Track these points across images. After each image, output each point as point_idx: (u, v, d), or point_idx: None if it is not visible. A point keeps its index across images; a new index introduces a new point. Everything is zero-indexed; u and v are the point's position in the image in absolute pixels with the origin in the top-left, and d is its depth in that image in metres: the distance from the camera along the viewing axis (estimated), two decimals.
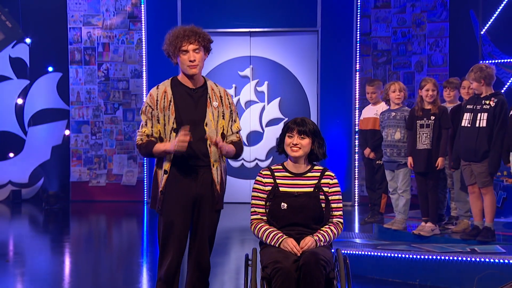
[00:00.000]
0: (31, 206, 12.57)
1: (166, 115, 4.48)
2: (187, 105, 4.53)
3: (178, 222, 4.50)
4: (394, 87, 7.75)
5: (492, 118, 6.70)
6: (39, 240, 9.68)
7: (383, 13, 12.66)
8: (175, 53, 4.51)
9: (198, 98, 4.56)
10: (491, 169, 6.73)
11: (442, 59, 12.44)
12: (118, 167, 12.86)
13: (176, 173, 4.49)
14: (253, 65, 12.47)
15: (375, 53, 12.65)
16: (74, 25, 12.89)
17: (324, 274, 3.98)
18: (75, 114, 12.93)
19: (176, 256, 4.54)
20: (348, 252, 6.65)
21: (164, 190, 4.50)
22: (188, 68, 4.48)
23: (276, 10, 12.34)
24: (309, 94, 12.41)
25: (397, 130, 7.57)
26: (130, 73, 12.85)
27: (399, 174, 7.61)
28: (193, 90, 4.57)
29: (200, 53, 4.50)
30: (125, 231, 10.63)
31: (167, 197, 4.50)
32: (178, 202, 4.49)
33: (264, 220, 4.37)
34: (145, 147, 4.52)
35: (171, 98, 4.51)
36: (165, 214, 4.53)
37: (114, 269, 7.65)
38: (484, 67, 6.81)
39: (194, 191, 4.49)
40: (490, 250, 6.47)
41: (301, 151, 4.36)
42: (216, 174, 4.54)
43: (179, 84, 4.59)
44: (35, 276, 6.94)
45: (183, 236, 4.55)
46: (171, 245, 4.52)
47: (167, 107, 4.49)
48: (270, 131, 12.32)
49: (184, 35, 4.46)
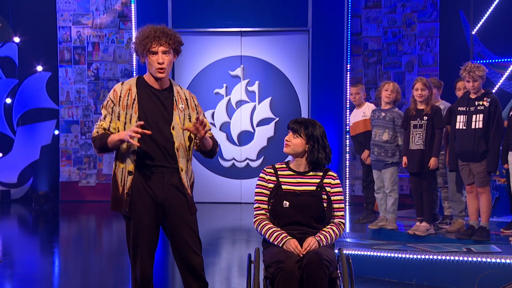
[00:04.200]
0: (20, 206, 12.49)
1: (128, 114, 4.33)
2: (153, 106, 4.38)
3: (147, 225, 4.37)
4: (388, 86, 7.73)
5: (487, 118, 6.70)
6: (28, 240, 9.61)
7: (373, 13, 12.68)
8: (143, 53, 4.35)
9: (164, 100, 4.43)
10: (490, 168, 6.73)
11: (433, 59, 12.47)
12: (108, 167, 12.80)
13: (140, 176, 4.34)
14: (244, 64, 12.43)
15: (365, 53, 12.67)
16: (63, 24, 12.82)
17: (327, 274, 3.97)
18: (65, 114, 12.86)
19: (148, 259, 4.43)
20: (344, 252, 6.60)
21: (129, 192, 4.35)
22: (157, 71, 4.33)
23: (267, 10, 12.32)
24: (300, 93, 12.39)
25: (385, 131, 7.56)
26: (120, 73, 12.80)
27: (385, 173, 7.61)
28: (159, 91, 4.43)
29: (169, 56, 4.35)
30: (115, 232, 10.55)
31: (133, 200, 4.35)
32: (145, 206, 4.35)
33: (268, 217, 4.35)
34: (99, 138, 4.34)
35: (135, 97, 4.36)
36: (133, 218, 4.38)
37: (104, 269, 7.59)
38: (478, 65, 6.80)
39: (161, 194, 4.35)
40: (486, 250, 6.47)
41: (289, 149, 4.38)
42: (186, 179, 4.40)
43: (145, 84, 4.43)
44: (24, 277, 6.85)
45: (153, 239, 4.43)
46: (141, 248, 4.40)
47: (130, 105, 4.34)
48: (261, 131, 12.29)
49: (154, 36, 4.31)
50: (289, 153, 4.40)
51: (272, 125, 12.35)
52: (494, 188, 8.72)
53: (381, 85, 7.90)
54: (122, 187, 4.35)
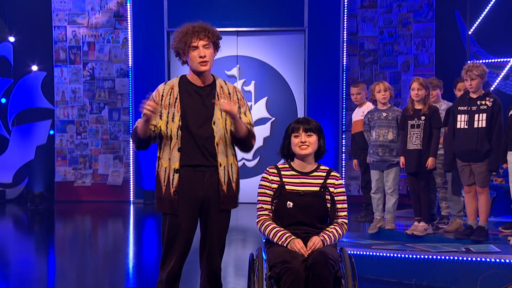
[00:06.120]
0: (15, 206, 12.45)
1: (171, 112, 4.39)
2: (194, 104, 4.43)
3: (185, 224, 4.40)
4: (378, 87, 7.72)
5: (490, 118, 6.69)
6: (24, 241, 9.57)
7: (369, 13, 12.68)
8: (185, 51, 4.40)
9: (206, 96, 4.47)
10: (492, 167, 6.73)
11: (429, 59, 12.47)
12: (103, 167, 12.76)
13: (184, 173, 4.40)
14: (240, 64, 12.42)
15: (361, 53, 12.67)
16: (59, 24, 12.78)
17: (333, 273, 3.97)
18: (60, 114, 12.82)
19: (179, 259, 4.46)
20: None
21: (177, 190, 4.38)
22: (199, 65, 4.37)
23: (263, 10, 12.31)
24: (296, 93, 12.39)
25: (390, 131, 7.54)
26: (116, 72, 12.76)
27: (389, 173, 7.58)
28: (201, 88, 4.48)
29: (210, 49, 4.40)
30: (111, 232, 10.52)
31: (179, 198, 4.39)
32: (185, 204, 4.39)
33: (271, 217, 4.34)
34: (133, 130, 4.44)
35: (177, 96, 4.43)
36: (172, 217, 4.41)
37: (100, 270, 7.55)
38: (477, 65, 6.80)
39: (201, 193, 4.39)
40: (485, 250, 6.47)
41: (310, 149, 4.35)
42: (223, 174, 4.43)
43: (188, 83, 4.49)
44: (19, 278, 6.80)
45: (188, 239, 4.46)
46: (176, 248, 4.43)
47: (173, 104, 4.41)
48: (257, 131, 12.24)
49: (193, 31, 4.36)
50: (310, 153, 4.37)
51: (268, 125, 12.34)
52: (491, 188, 8.71)
53: (371, 88, 7.90)
54: (165, 187, 4.40)
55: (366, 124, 7.89)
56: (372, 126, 7.75)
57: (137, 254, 8.26)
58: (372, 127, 7.76)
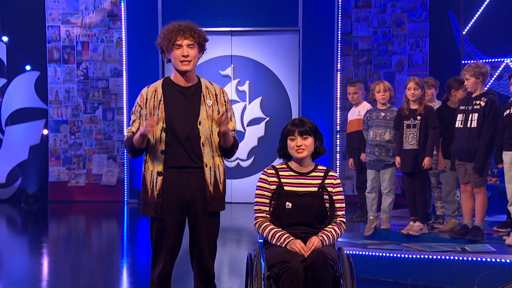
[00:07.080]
0: (8, 206, 12.40)
1: (155, 115, 4.34)
2: (179, 104, 4.39)
3: (170, 227, 4.38)
4: (378, 87, 7.71)
5: (482, 118, 6.69)
6: (17, 241, 9.53)
7: (363, 13, 12.68)
8: (168, 48, 4.37)
9: (191, 97, 4.43)
10: (476, 167, 6.70)
11: (423, 59, 12.48)
12: (97, 167, 12.73)
13: (169, 177, 4.36)
14: (234, 64, 12.41)
15: (356, 53, 12.67)
16: (52, 23, 12.73)
17: (332, 273, 3.97)
18: (54, 113, 12.78)
19: (168, 261, 4.44)
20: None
21: (160, 193, 4.36)
22: (181, 63, 4.35)
23: (258, 9, 12.30)
24: (291, 93, 12.39)
25: (387, 131, 7.53)
26: (109, 72, 12.72)
27: (385, 173, 7.58)
28: (185, 89, 4.44)
29: (194, 50, 4.37)
30: (105, 232, 10.50)
31: (163, 201, 4.36)
32: (172, 206, 4.36)
33: (269, 219, 4.33)
34: (127, 140, 4.41)
35: (161, 97, 4.39)
36: (159, 220, 4.39)
37: (94, 270, 7.53)
38: (481, 64, 6.81)
39: (187, 194, 4.36)
40: (480, 249, 6.48)
41: (306, 152, 4.35)
42: (209, 175, 4.39)
43: (171, 83, 4.45)
44: (12, 279, 6.74)
45: (175, 242, 4.44)
46: (164, 250, 4.42)
47: (157, 106, 4.36)
48: (251, 131, 12.26)
49: (179, 30, 4.34)
50: (306, 156, 4.36)
51: (262, 125, 12.33)
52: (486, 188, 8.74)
53: (371, 88, 7.89)
54: (151, 190, 4.38)
55: (365, 123, 7.89)
56: (370, 126, 7.75)
57: (131, 254, 8.24)
58: (370, 126, 7.76)
